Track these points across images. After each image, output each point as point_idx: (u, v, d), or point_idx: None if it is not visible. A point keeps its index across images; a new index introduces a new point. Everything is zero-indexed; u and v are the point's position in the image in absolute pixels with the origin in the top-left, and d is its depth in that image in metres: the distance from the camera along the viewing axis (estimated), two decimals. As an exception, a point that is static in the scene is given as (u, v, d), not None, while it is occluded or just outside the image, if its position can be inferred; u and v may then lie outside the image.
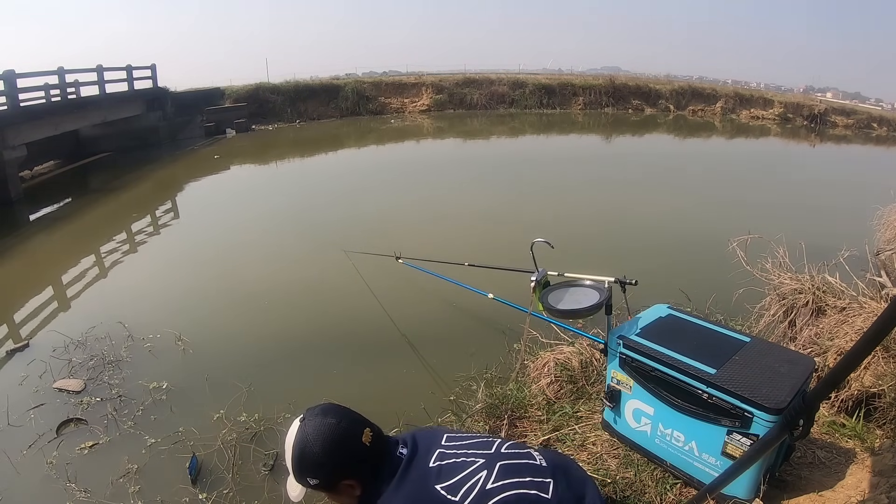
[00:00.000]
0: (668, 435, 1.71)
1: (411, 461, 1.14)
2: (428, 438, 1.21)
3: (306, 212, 7.33)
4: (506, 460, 1.17)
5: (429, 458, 1.15)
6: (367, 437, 1.12)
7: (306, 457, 1.09)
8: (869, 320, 2.34)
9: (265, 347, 3.70)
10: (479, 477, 1.11)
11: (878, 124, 19.65)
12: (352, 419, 1.15)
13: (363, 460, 1.11)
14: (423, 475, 1.11)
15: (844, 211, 6.97)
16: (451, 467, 1.12)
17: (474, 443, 1.21)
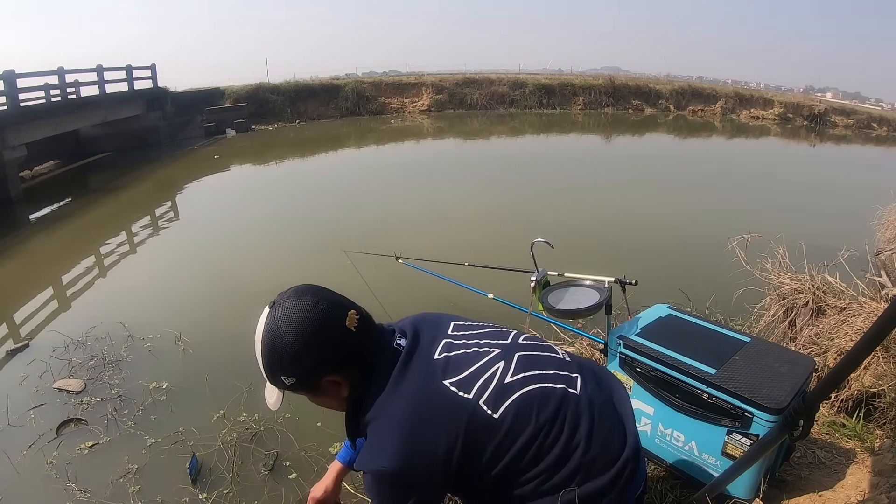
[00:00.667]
0: (668, 435, 1.71)
1: (412, 353, 0.95)
2: (431, 326, 1.04)
3: (306, 212, 7.33)
4: (526, 351, 1.00)
5: (433, 349, 0.97)
6: (352, 320, 0.91)
7: (278, 349, 0.89)
8: (869, 320, 2.35)
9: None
10: (496, 369, 0.94)
11: (878, 124, 19.67)
12: (332, 300, 0.93)
13: (348, 350, 0.91)
14: (427, 369, 0.93)
15: (844, 211, 6.96)
16: (461, 359, 0.95)
17: (487, 332, 1.04)
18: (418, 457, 0.88)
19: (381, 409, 0.92)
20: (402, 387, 0.92)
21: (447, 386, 0.92)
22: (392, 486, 0.89)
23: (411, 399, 0.91)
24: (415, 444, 0.88)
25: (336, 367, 0.92)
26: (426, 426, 0.89)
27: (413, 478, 0.88)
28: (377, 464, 0.89)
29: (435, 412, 0.90)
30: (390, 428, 0.89)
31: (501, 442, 0.90)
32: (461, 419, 0.89)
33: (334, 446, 2.69)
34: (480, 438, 0.90)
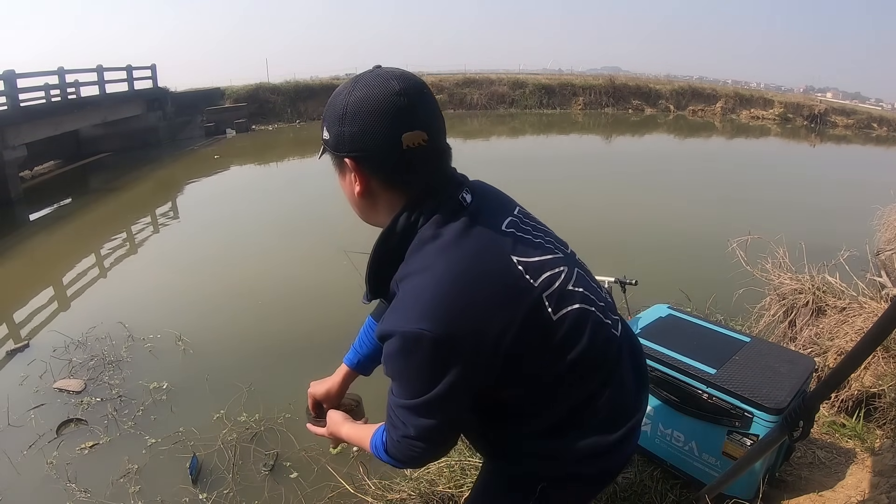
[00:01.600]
0: (668, 435, 1.71)
1: (478, 213, 0.82)
2: (497, 196, 0.92)
3: (306, 211, 7.33)
4: (582, 270, 0.91)
5: (500, 220, 0.84)
6: (419, 138, 0.77)
7: (334, 99, 0.82)
8: (869, 320, 2.35)
9: (265, 348, 3.70)
10: (561, 271, 0.83)
11: (878, 124, 19.68)
12: (422, 112, 0.78)
13: (391, 151, 0.77)
14: (493, 236, 0.81)
15: (844, 211, 6.96)
16: (529, 243, 0.84)
17: (549, 231, 0.93)
18: (466, 330, 0.74)
19: (430, 261, 0.77)
20: (462, 244, 0.78)
21: (514, 262, 0.79)
22: (424, 357, 0.74)
23: (472, 261, 0.77)
24: (465, 314, 0.74)
25: (364, 151, 0.79)
26: (483, 297, 0.75)
27: (452, 352, 0.74)
28: (411, 325, 0.73)
29: (496, 286, 0.77)
30: (439, 286, 0.74)
31: (551, 349, 0.80)
32: (522, 305, 0.77)
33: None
34: (533, 336, 0.78)
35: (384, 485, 2.04)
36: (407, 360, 0.76)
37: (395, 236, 0.81)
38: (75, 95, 10.47)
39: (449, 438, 0.86)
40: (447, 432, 0.84)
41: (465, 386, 0.77)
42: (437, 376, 0.75)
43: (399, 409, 0.81)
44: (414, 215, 0.80)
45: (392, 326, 0.76)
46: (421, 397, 0.77)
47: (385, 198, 0.83)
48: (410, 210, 0.81)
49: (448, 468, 2.02)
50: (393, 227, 0.81)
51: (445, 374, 0.75)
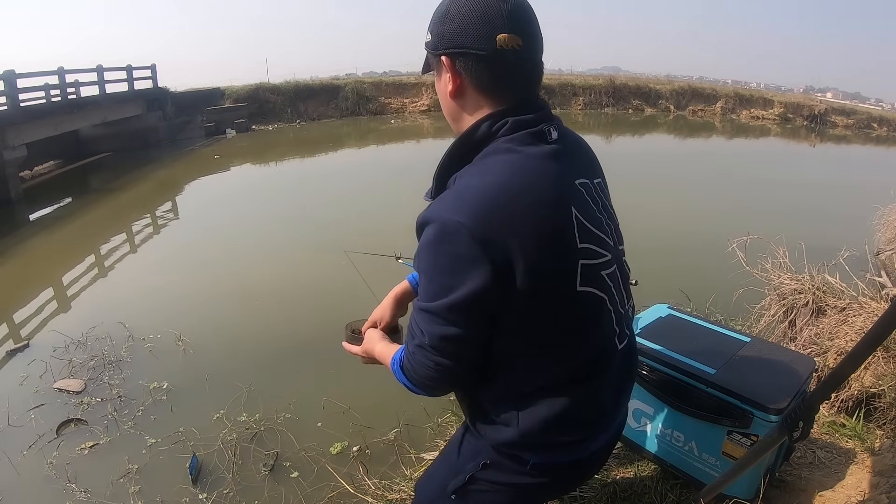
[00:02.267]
0: (667, 435, 1.71)
1: (558, 154, 0.82)
2: (585, 154, 0.93)
3: (306, 212, 7.33)
4: (621, 271, 0.92)
5: (577, 174, 0.86)
6: (514, 42, 0.76)
7: (439, 3, 0.82)
8: (869, 320, 2.35)
9: (265, 348, 3.70)
10: (604, 255, 0.85)
11: (878, 124, 19.66)
12: (521, 18, 0.78)
13: (485, 48, 0.77)
14: (564, 181, 0.82)
15: (844, 211, 6.96)
16: (591, 212, 0.85)
17: (614, 217, 0.94)
18: (504, 237, 0.73)
19: (494, 168, 0.78)
20: (529, 167, 0.78)
21: (573, 213, 0.79)
22: (457, 250, 0.73)
23: (533, 185, 0.77)
24: (507, 224, 0.73)
25: (459, 50, 0.79)
26: (529, 220, 0.75)
27: (486, 252, 0.73)
28: (452, 215, 0.74)
29: (544, 219, 0.76)
30: (491, 189, 0.75)
31: (556, 313, 0.81)
32: (559, 251, 0.78)
33: (334, 446, 2.70)
34: (551, 287, 0.79)
35: (384, 485, 2.04)
36: (438, 249, 0.75)
37: (472, 141, 0.82)
38: (75, 95, 10.46)
39: (462, 358, 0.82)
40: (460, 348, 0.81)
41: (486, 297, 0.75)
42: (464, 275, 0.74)
43: (420, 313, 0.81)
44: (496, 126, 0.81)
45: (433, 214, 0.76)
46: (443, 298, 0.77)
47: (474, 101, 0.83)
48: (494, 120, 0.81)
49: (448, 468, 2.02)
50: (473, 131, 0.82)
51: (472, 275, 0.74)
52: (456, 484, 0.97)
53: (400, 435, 2.72)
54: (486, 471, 0.95)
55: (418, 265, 0.80)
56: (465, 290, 0.75)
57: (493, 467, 0.94)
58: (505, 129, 0.80)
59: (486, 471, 0.95)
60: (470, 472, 0.96)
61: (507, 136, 0.80)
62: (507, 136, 0.80)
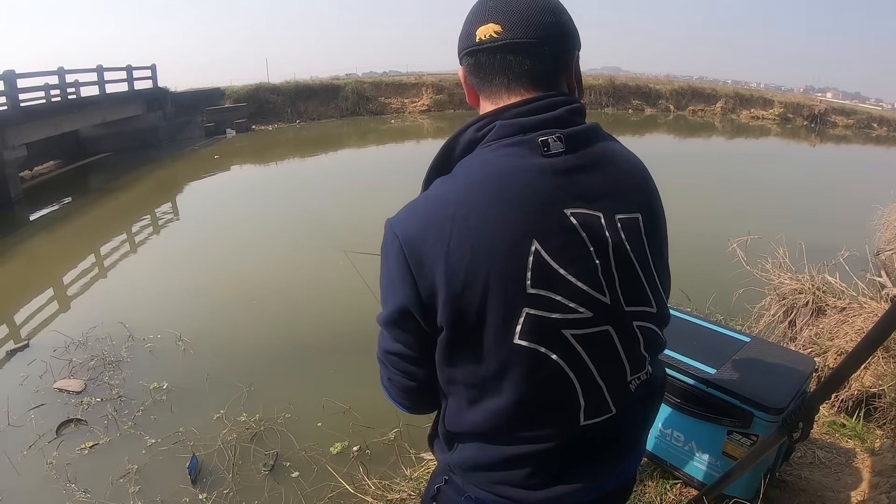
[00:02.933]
0: (667, 435, 1.70)
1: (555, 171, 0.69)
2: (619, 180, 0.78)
3: (306, 212, 7.33)
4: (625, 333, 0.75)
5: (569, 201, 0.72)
6: (490, 31, 0.69)
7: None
8: (869, 320, 2.35)
9: (265, 348, 3.70)
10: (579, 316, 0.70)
11: (878, 124, 19.66)
12: (503, 5, 0.70)
13: (466, 46, 0.73)
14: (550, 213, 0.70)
15: (844, 211, 6.97)
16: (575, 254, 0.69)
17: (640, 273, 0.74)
18: (431, 255, 0.66)
19: (457, 177, 0.70)
20: (501, 187, 0.67)
21: (535, 248, 0.66)
22: (389, 264, 0.70)
23: (491, 203, 0.66)
24: (439, 241, 0.66)
25: (466, 64, 0.75)
26: (465, 246, 0.66)
27: (408, 267, 0.67)
28: (395, 224, 0.70)
29: (486, 253, 0.65)
30: (439, 200, 0.69)
31: (488, 364, 0.70)
32: (496, 299, 0.66)
33: (335, 446, 2.70)
34: (468, 336, 0.69)
35: (384, 485, 2.04)
36: (383, 261, 0.72)
37: (455, 146, 0.75)
38: (75, 95, 10.47)
39: (412, 374, 0.76)
40: (406, 365, 0.76)
41: (411, 317, 0.70)
42: (394, 289, 0.70)
43: (378, 323, 0.77)
44: (483, 132, 0.72)
45: (390, 220, 0.72)
46: (383, 311, 0.73)
47: (482, 105, 0.76)
48: (482, 123, 0.72)
49: (448, 468, 2.02)
50: (458, 136, 0.74)
51: (399, 290, 0.69)
52: (428, 494, 0.93)
53: (400, 435, 2.72)
54: (447, 486, 0.87)
55: None
56: (391, 306, 0.71)
57: (451, 484, 0.87)
58: (491, 133, 0.70)
59: (447, 486, 0.87)
60: (438, 484, 0.90)
61: (490, 142, 0.70)
62: (490, 143, 0.70)
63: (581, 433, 0.75)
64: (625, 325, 0.73)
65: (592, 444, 0.77)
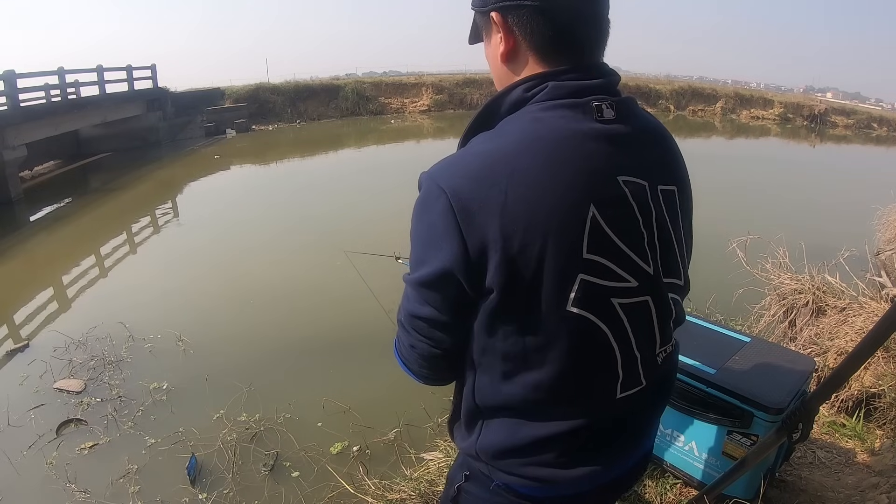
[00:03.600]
0: (668, 435, 1.71)
1: (611, 137, 0.68)
2: (660, 153, 0.78)
3: (306, 212, 7.33)
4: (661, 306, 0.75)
5: (622, 169, 0.72)
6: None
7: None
8: (869, 320, 2.35)
9: (265, 348, 3.70)
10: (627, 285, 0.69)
11: (878, 124, 19.66)
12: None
13: (540, 4, 0.66)
14: (607, 180, 0.69)
15: (844, 211, 6.96)
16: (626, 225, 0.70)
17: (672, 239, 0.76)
18: (484, 212, 0.62)
19: (507, 134, 0.67)
20: (555, 147, 0.65)
21: (592, 213, 0.65)
22: (432, 219, 0.65)
23: (548, 162, 0.64)
24: (494, 198, 0.62)
25: (511, 11, 0.68)
26: (521, 203, 0.62)
27: (456, 223, 0.63)
28: (437, 177, 0.65)
29: (545, 212, 0.63)
30: (490, 155, 0.65)
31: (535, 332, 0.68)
32: (553, 262, 0.64)
33: (335, 446, 2.69)
34: (521, 302, 0.66)
35: (384, 485, 2.04)
36: (419, 216, 0.68)
37: (500, 104, 0.70)
38: (75, 95, 10.47)
39: (438, 342, 0.72)
40: (433, 331, 0.71)
41: (453, 279, 0.66)
42: (436, 248, 0.65)
43: (405, 283, 0.73)
44: (534, 90, 0.68)
45: (426, 174, 0.67)
46: (416, 272, 0.69)
47: (528, 65, 0.70)
48: (533, 82, 0.68)
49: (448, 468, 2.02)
50: (505, 94, 0.70)
51: (443, 249, 0.65)
52: (449, 495, 0.90)
53: (400, 435, 2.72)
54: (469, 482, 0.85)
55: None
56: (432, 266, 0.66)
57: (472, 479, 0.84)
58: (542, 94, 0.67)
59: (469, 482, 0.85)
60: (458, 483, 0.87)
61: (540, 101, 0.67)
62: (540, 103, 0.67)
63: (612, 408, 0.75)
64: (661, 296, 0.73)
65: (621, 420, 0.77)
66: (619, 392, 0.73)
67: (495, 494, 0.81)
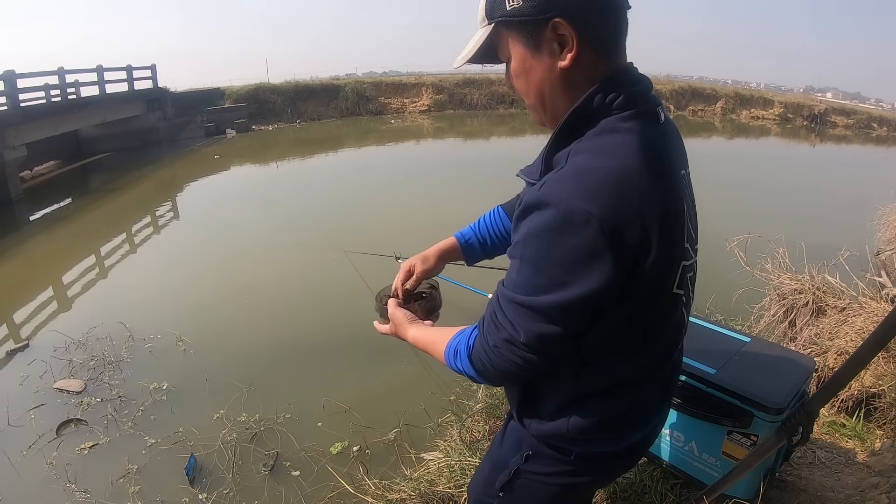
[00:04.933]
0: (668, 435, 1.70)
1: (666, 137, 0.77)
2: (678, 141, 0.87)
3: (306, 212, 7.33)
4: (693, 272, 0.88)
5: (679, 165, 0.82)
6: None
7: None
8: (869, 320, 2.35)
9: (265, 348, 3.70)
10: (691, 258, 0.84)
11: (878, 124, 19.65)
12: None
13: (604, 7, 0.70)
14: (677, 170, 0.77)
15: (844, 211, 6.96)
16: (691, 212, 0.84)
17: (696, 213, 0.88)
18: (632, 227, 0.65)
19: (614, 148, 0.69)
20: (652, 152, 0.70)
21: (685, 208, 0.77)
22: (581, 243, 0.64)
23: (657, 172, 0.69)
24: (636, 213, 0.66)
25: (577, 15, 0.68)
26: (654, 214, 0.68)
27: (613, 245, 0.64)
28: (578, 201, 0.64)
29: (668, 218, 0.71)
30: (619, 173, 0.66)
31: (648, 316, 0.77)
32: (670, 242, 0.73)
33: (335, 446, 2.70)
34: (650, 293, 0.74)
35: (384, 485, 2.04)
36: (558, 239, 0.65)
37: (586, 114, 0.72)
38: (75, 95, 10.47)
39: (554, 354, 0.75)
40: (556, 346, 0.73)
41: (601, 296, 0.68)
42: (583, 271, 0.65)
43: (514, 305, 0.72)
44: (610, 97, 0.71)
45: (552, 196, 0.66)
46: (551, 294, 0.68)
47: (587, 69, 0.72)
48: (607, 90, 0.71)
49: (448, 468, 2.02)
50: (588, 103, 0.71)
51: (593, 272, 0.65)
52: (502, 480, 0.94)
53: (400, 435, 2.72)
54: (529, 463, 0.91)
55: (522, 252, 0.70)
56: (580, 289, 0.66)
57: (535, 458, 0.91)
58: (618, 102, 0.71)
59: (529, 463, 0.91)
60: (515, 466, 0.92)
61: (620, 111, 0.71)
62: (621, 113, 0.71)
63: (669, 367, 0.90)
64: (696, 265, 0.87)
65: (670, 376, 0.93)
66: (675, 351, 0.90)
67: (564, 464, 0.90)
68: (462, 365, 0.82)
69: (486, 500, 0.99)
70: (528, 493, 0.94)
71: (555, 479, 0.92)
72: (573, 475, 0.91)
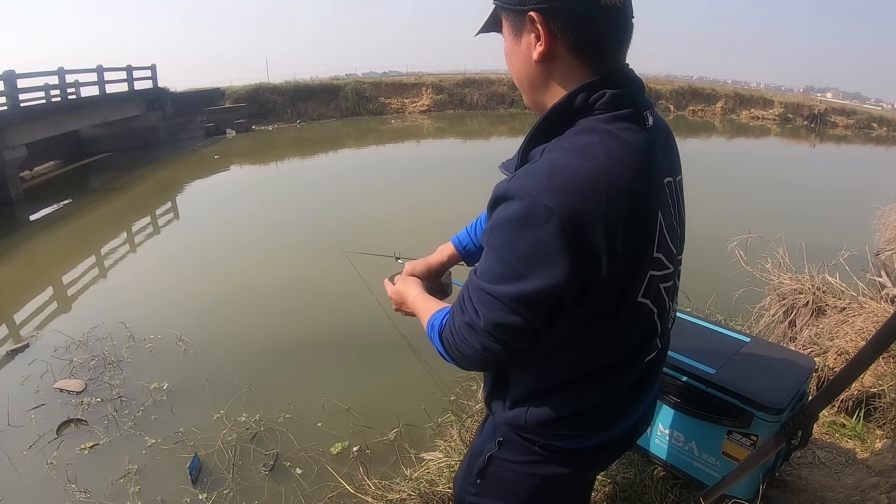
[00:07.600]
0: (667, 435, 1.71)
1: (653, 145, 0.75)
2: (671, 148, 0.86)
3: (306, 212, 7.33)
4: (676, 282, 0.89)
5: (664, 172, 0.81)
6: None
7: None
8: (869, 320, 2.35)
9: (265, 348, 3.70)
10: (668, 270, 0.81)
11: (878, 124, 19.65)
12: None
13: (588, 3, 0.69)
14: (658, 176, 0.76)
15: (844, 211, 6.96)
16: (670, 216, 0.80)
17: (684, 223, 0.87)
18: (592, 230, 0.66)
19: (591, 148, 0.69)
20: (631, 153, 0.70)
21: (659, 219, 0.74)
22: (543, 236, 0.66)
23: (631, 180, 0.68)
24: (599, 217, 0.66)
25: (551, 12, 0.69)
26: (620, 221, 0.68)
27: (574, 240, 0.65)
28: (544, 196, 0.65)
29: (635, 226, 0.70)
30: (588, 174, 0.67)
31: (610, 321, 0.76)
32: (638, 265, 0.73)
33: (335, 446, 2.70)
34: (609, 300, 0.74)
35: (384, 485, 2.04)
36: (519, 231, 0.67)
37: (566, 112, 0.72)
38: (75, 95, 10.46)
39: (513, 346, 0.76)
40: (515, 338, 0.75)
41: (557, 293, 0.69)
42: (542, 266, 0.67)
43: (479, 291, 0.74)
44: (594, 97, 0.71)
45: (518, 188, 0.67)
46: (509, 285, 0.70)
47: (566, 68, 0.73)
48: (590, 91, 0.71)
49: (448, 468, 2.02)
50: (569, 102, 0.72)
51: (551, 267, 0.66)
52: (479, 466, 0.96)
53: (400, 435, 2.72)
54: (501, 449, 0.93)
55: (489, 240, 0.72)
56: (537, 283, 0.68)
57: (507, 445, 0.92)
58: (602, 102, 0.71)
59: (501, 449, 0.93)
60: (489, 452, 0.94)
61: (603, 112, 0.71)
62: (604, 114, 0.71)
63: (640, 371, 0.88)
64: (677, 275, 0.87)
65: (640, 378, 0.90)
66: (647, 356, 0.87)
67: (531, 454, 0.90)
68: (435, 341, 0.86)
69: (467, 487, 1.00)
70: (505, 482, 0.95)
71: (526, 468, 0.92)
72: (544, 465, 0.91)
